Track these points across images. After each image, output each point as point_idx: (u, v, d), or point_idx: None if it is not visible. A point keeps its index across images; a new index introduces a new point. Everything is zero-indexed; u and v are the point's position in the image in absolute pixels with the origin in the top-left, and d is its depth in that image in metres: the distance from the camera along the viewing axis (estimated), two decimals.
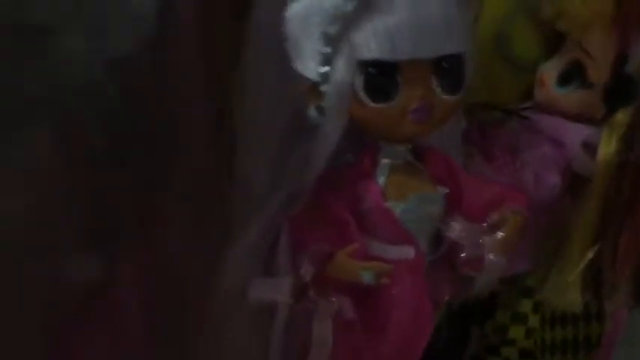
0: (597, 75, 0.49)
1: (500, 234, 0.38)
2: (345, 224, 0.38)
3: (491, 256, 0.37)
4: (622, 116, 0.49)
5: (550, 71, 0.53)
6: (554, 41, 0.54)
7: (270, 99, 0.40)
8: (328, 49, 0.36)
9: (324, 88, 0.37)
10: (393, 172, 0.40)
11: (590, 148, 0.50)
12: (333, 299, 0.38)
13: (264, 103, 0.40)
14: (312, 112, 0.38)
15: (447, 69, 0.37)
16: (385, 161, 0.40)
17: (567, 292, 0.53)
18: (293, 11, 0.37)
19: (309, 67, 0.37)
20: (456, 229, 0.39)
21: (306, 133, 0.39)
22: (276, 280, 0.38)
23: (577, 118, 0.51)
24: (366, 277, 0.35)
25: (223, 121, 0.43)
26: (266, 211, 0.40)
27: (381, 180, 0.40)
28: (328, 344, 0.38)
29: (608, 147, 0.49)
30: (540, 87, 0.53)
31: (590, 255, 0.51)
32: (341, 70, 0.36)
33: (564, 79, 0.51)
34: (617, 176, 0.49)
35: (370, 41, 0.35)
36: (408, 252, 0.40)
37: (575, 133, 0.51)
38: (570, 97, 0.51)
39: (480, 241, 0.38)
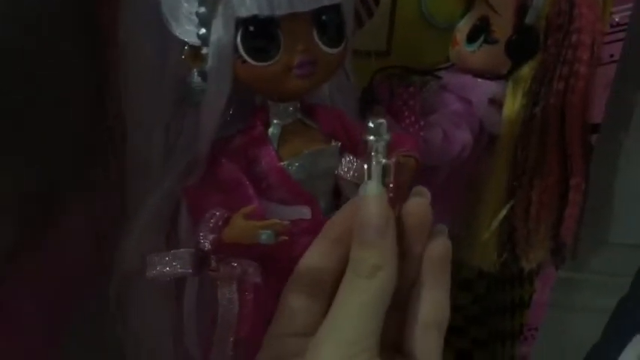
0: (501, 29, 0.49)
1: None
2: (241, 186, 0.37)
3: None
4: (527, 70, 0.48)
5: (461, 29, 0.52)
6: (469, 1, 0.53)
7: (152, 67, 0.39)
8: (204, 9, 0.34)
9: (204, 51, 0.36)
10: (285, 132, 0.39)
11: (497, 104, 0.50)
12: (235, 264, 0.37)
13: (147, 72, 0.39)
14: (195, 78, 0.37)
15: (327, 21, 0.37)
16: (276, 121, 0.39)
17: (483, 251, 0.53)
18: None
19: (188, 30, 0.36)
20: (345, 165, 0.39)
21: (193, 100, 0.38)
22: (174, 253, 0.37)
23: (485, 74, 0.51)
24: (264, 237, 0.34)
25: (109, 95, 0.41)
26: (163, 183, 0.39)
27: (274, 140, 0.39)
28: (234, 309, 0.37)
29: (513, 102, 0.49)
30: (453, 46, 0.53)
31: (503, 213, 0.51)
32: (219, 30, 0.35)
33: (472, 36, 0.51)
34: (524, 131, 0.49)
35: None
36: (304, 212, 0.39)
37: (482, 91, 0.51)
38: (477, 53, 0.51)
39: None
